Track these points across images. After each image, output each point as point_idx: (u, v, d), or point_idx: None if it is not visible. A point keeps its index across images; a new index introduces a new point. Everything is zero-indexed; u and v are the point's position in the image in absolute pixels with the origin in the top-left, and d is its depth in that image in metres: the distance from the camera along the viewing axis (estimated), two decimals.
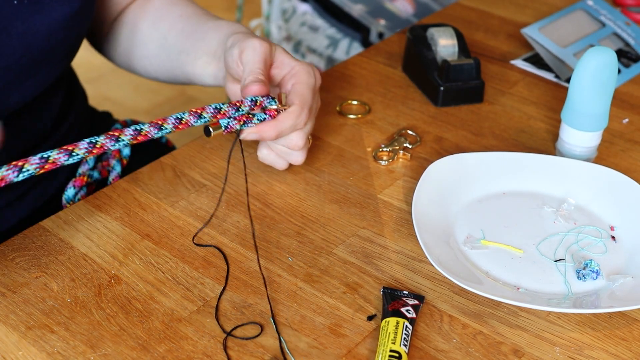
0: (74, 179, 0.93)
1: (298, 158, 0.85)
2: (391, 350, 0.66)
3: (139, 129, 0.73)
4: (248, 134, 0.80)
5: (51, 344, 0.68)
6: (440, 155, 0.93)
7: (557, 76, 1.11)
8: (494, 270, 0.76)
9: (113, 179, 0.96)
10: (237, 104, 0.79)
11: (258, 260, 0.77)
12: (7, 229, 0.95)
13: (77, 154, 0.70)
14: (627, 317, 0.72)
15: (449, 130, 0.99)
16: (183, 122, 0.75)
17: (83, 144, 0.70)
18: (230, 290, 0.74)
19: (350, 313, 0.72)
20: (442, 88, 1.02)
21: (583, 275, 0.75)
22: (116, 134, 0.72)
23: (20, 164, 0.67)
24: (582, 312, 0.72)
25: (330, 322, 0.71)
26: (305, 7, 2.12)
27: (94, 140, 0.71)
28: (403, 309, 0.70)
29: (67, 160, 0.69)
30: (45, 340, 0.68)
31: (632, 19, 1.25)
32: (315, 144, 0.95)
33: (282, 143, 0.83)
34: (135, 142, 0.73)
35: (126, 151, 0.98)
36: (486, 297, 0.72)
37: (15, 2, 0.83)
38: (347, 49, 2.01)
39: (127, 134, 0.72)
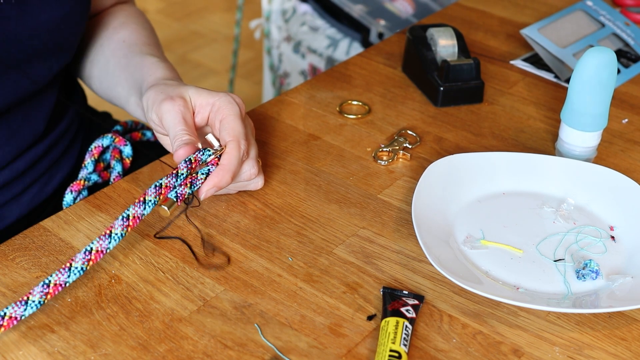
0: (72, 184, 0.93)
1: (257, 184, 0.85)
2: (391, 350, 0.66)
3: (89, 249, 0.71)
4: (205, 192, 0.78)
5: (51, 344, 0.68)
6: (440, 155, 0.93)
7: (556, 76, 1.11)
8: (494, 270, 0.76)
9: (114, 179, 0.96)
10: (175, 172, 0.77)
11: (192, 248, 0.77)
12: (5, 227, 0.95)
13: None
14: (627, 317, 0.72)
15: (448, 131, 0.99)
16: (131, 218, 0.73)
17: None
18: (231, 290, 0.74)
19: (350, 313, 0.72)
20: (442, 88, 1.02)
21: (582, 275, 0.75)
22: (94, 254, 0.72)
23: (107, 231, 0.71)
24: (581, 312, 0.72)
25: (330, 322, 0.71)
26: (305, 8, 2.12)
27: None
28: (403, 309, 0.70)
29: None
30: (46, 340, 0.68)
31: (632, 19, 1.25)
32: (315, 143, 0.95)
33: (237, 180, 0.82)
34: (90, 263, 0.71)
35: (128, 151, 0.98)
36: (486, 297, 0.72)
37: (2, 1, 0.83)
38: (347, 49, 2.01)
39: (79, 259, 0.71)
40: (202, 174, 0.78)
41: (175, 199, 0.75)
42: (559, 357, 0.68)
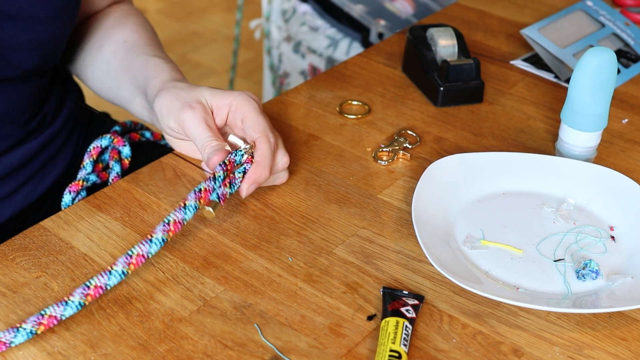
0: (70, 185, 0.93)
1: (284, 177, 0.86)
2: (391, 350, 0.66)
3: (130, 254, 0.72)
4: (246, 189, 0.80)
5: (51, 344, 0.68)
6: (440, 155, 0.93)
7: (556, 76, 1.11)
8: (494, 270, 0.76)
9: (113, 179, 0.96)
10: (212, 175, 0.78)
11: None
12: (0, 225, 0.95)
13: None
14: (627, 317, 0.72)
15: (448, 131, 0.99)
16: (172, 223, 0.73)
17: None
18: (231, 290, 0.74)
19: (350, 313, 0.72)
20: (442, 88, 1.02)
21: (582, 275, 0.75)
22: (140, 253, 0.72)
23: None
24: (581, 312, 0.72)
25: (330, 322, 0.71)
26: (305, 8, 2.12)
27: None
28: (403, 309, 0.70)
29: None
30: (46, 340, 0.68)
31: (632, 19, 1.25)
32: (315, 143, 0.95)
33: (274, 171, 0.84)
34: (130, 267, 0.71)
35: (126, 151, 0.98)
36: (486, 297, 0.72)
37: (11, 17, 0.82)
38: (347, 49, 2.01)
39: (119, 264, 0.71)
40: (240, 172, 0.80)
41: (219, 201, 0.77)
42: (559, 357, 0.68)
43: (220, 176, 0.78)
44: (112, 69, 0.98)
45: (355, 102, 1.04)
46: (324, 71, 1.12)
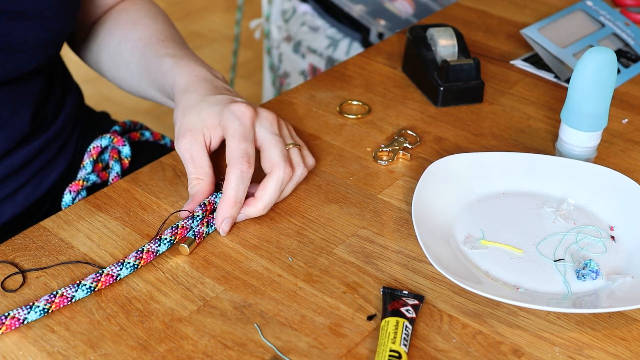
0: (70, 185, 0.93)
1: (303, 173, 0.85)
2: (391, 350, 0.66)
3: (100, 273, 0.73)
4: (221, 229, 0.79)
5: (52, 344, 0.68)
6: (440, 155, 0.93)
7: (556, 76, 1.11)
8: (494, 270, 0.76)
9: (113, 179, 0.96)
10: (191, 215, 0.79)
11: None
12: (0, 226, 0.95)
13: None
14: (627, 317, 0.72)
15: (448, 130, 0.99)
16: (146, 252, 0.75)
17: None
18: (231, 290, 0.74)
19: (350, 313, 0.72)
20: (441, 88, 1.02)
21: (582, 275, 0.75)
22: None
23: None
24: (581, 312, 0.72)
25: (330, 322, 0.71)
26: (305, 8, 2.12)
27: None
28: (403, 309, 0.70)
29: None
30: (46, 340, 0.68)
31: (632, 19, 1.25)
32: (315, 143, 0.95)
33: (280, 184, 0.81)
34: (99, 284, 0.73)
35: (126, 151, 0.98)
36: (486, 297, 0.72)
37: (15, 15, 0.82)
38: (347, 49, 2.01)
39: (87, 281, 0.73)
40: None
41: (194, 238, 0.78)
42: (559, 357, 0.68)
43: (198, 216, 0.79)
44: (133, 69, 0.98)
45: (355, 102, 1.04)
46: (324, 71, 1.12)
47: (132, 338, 0.69)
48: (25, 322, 0.69)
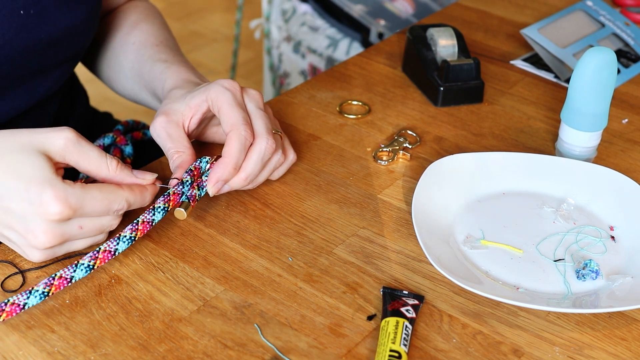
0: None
1: (293, 156, 0.85)
2: (391, 350, 0.66)
3: (96, 252, 0.73)
4: (211, 188, 0.78)
5: (51, 344, 0.68)
6: (440, 155, 0.93)
7: (556, 76, 1.11)
8: (494, 270, 0.76)
9: None
10: (180, 181, 0.78)
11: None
12: None
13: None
14: (627, 317, 0.72)
15: (449, 130, 0.99)
16: (141, 223, 0.75)
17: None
18: (231, 290, 0.74)
19: (350, 313, 0.72)
20: (441, 88, 1.02)
21: (582, 275, 0.75)
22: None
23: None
24: (581, 312, 0.72)
25: (330, 322, 0.71)
26: (305, 8, 2.12)
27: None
28: (403, 309, 0.70)
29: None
30: (46, 340, 0.68)
31: (632, 19, 1.25)
32: (315, 143, 0.95)
33: (263, 161, 0.81)
34: (97, 262, 0.73)
35: (129, 150, 0.98)
36: (486, 297, 0.72)
37: (22, 12, 0.82)
38: (347, 49, 2.01)
39: (85, 260, 0.73)
40: (207, 176, 0.80)
41: (188, 200, 0.77)
42: (559, 357, 0.68)
43: (187, 181, 0.79)
44: (128, 73, 0.98)
45: (355, 102, 1.04)
46: (324, 71, 1.12)
47: (132, 338, 0.69)
48: (26, 307, 0.69)
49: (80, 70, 1.20)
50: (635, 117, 1.03)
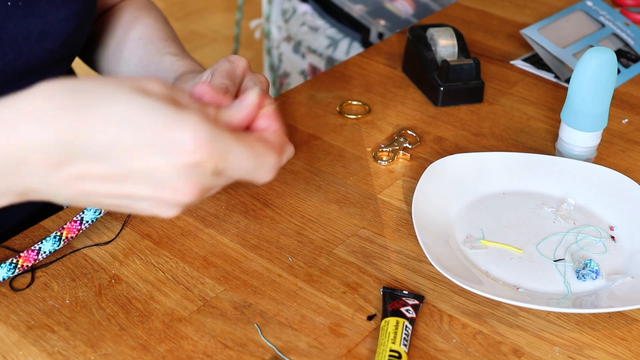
0: None
1: (290, 149, 0.78)
2: (391, 350, 0.66)
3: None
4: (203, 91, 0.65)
5: (52, 344, 0.68)
6: (440, 155, 0.93)
7: (556, 76, 1.11)
8: (494, 270, 0.76)
9: None
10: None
11: None
12: (8, 229, 0.95)
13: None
14: (627, 317, 0.72)
15: (448, 131, 0.99)
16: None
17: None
18: (231, 290, 0.74)
19: (350, 313, 0.72)
20: (441, 88, 1.02)
21: (583, 275, 0.75)
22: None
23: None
24: (581, 312, 0.72)
25: (330, 322, 0.71)
26: (305, 8, 2.12)
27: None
28: (403, 309, 0.70)
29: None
30: (46, 340, 0.68)
31: (632, 19, 1.25)
32: (315, 143, 0.95)
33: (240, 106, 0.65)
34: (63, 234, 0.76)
35: None
36: (486, 297, 0.72)
37: (9, 3, 0.82)
38: (347, 49, 2.01)
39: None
40: None
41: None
42: (559, 357, 0.68)
43: None
44: (133, 68, 0.98)
45: (355, 102, 1.04)
46: (324, 71, 1.12)
47: (132, 338, 0.69)
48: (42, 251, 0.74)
49: (79, 69, 1.20)
50: (635, 117, 1.03)
